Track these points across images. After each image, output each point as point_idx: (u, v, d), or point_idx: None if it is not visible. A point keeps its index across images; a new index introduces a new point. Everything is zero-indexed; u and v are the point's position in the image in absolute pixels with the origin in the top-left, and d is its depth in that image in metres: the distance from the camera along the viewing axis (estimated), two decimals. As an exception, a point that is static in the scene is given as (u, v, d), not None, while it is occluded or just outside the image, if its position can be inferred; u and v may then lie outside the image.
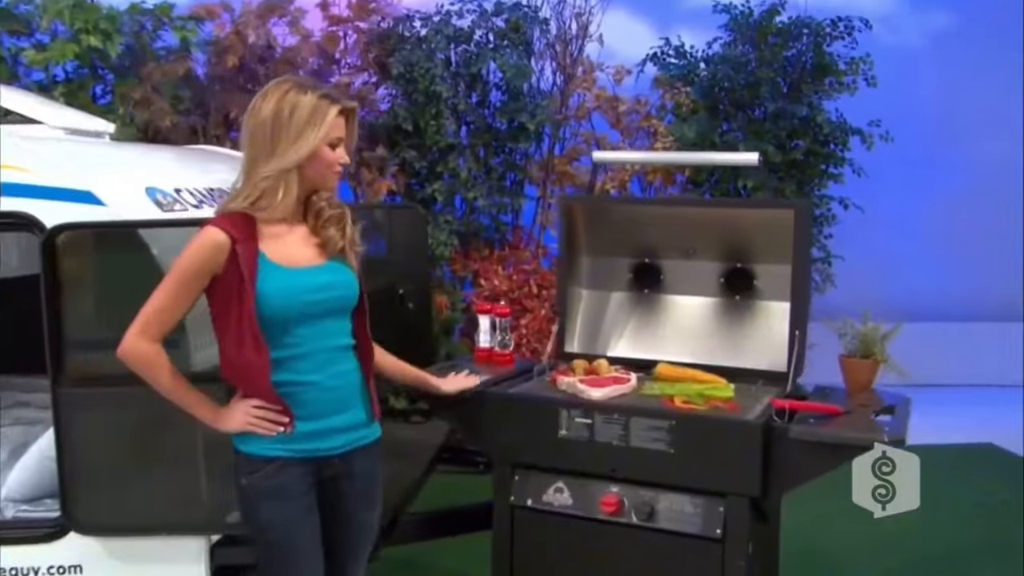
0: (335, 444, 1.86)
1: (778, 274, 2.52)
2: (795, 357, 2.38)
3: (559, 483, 2.27)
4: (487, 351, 2.73)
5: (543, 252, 5.24)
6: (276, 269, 1.76)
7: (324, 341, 1.82)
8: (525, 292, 4.93)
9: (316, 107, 1.77)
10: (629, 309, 2.75)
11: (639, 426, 2.18)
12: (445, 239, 4.95)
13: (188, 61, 4.70)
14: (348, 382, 1.87)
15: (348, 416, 1.86)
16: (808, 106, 4.83)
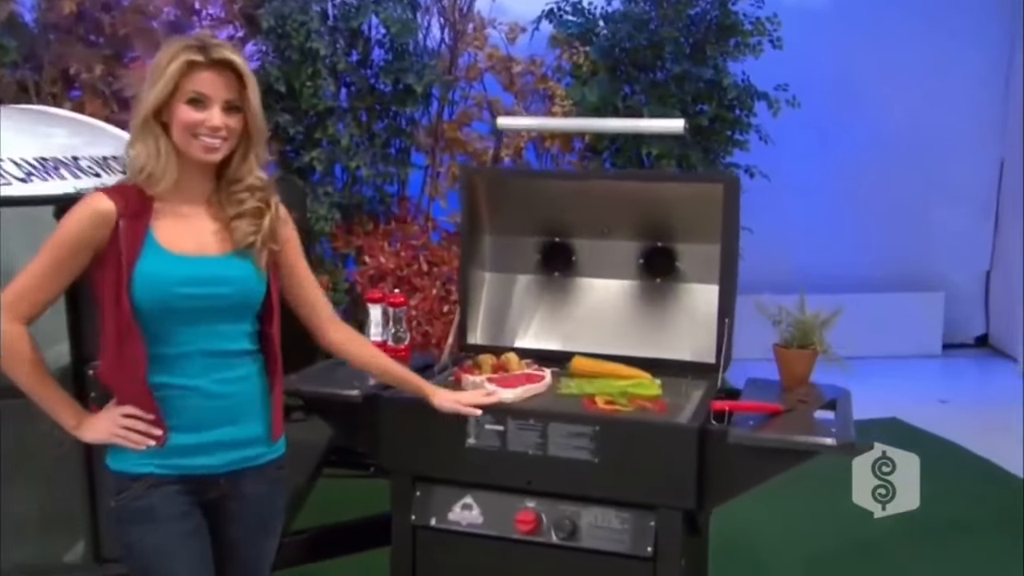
0: (218, 461, 1.74)
1: (703, 254, 2.43)
2: (725, 347, 2.31)
3: (467, 498, 2.15)
4: (379, 345, 2.45)
5: (433, 225, 5.12)
6: (158, 252, 1.66)
7: (210, 342, 1.71)
8: (414, 270, 4.76)
9: (168, 57, 1.66)
10: (538, 294, 2.63)
11: (558, 432, 2.06)
12: (325, 213, 4.72)
13: (11, 4, 4.24)
14: (240, 391, 1.74)
15: (237, 430, 1.74)
16: (713, 68, 4.75)
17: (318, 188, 4.81)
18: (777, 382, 2.26)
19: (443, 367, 2.41)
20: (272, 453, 1.82)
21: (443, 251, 4.85)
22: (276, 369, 1.80)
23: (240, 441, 1.76)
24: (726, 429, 1.98)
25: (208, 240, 1.72)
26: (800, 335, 2.21)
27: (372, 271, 4.78)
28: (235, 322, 1.75)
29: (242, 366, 1.76)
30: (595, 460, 2.02)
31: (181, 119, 1.67)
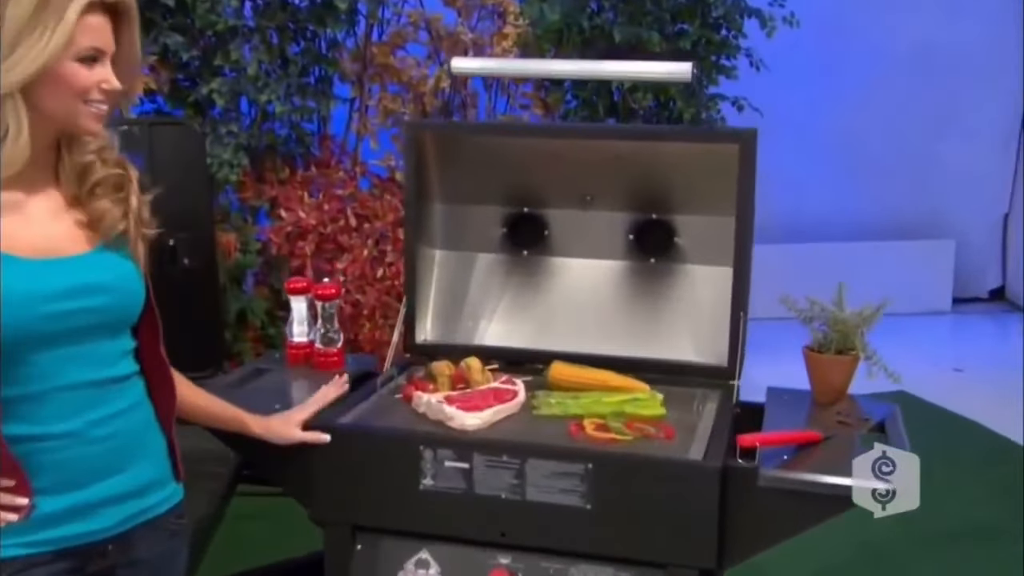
0: (104, 523, 1.60)
1: (709, 228, 2.32)
2: (740, 348, 2.20)
3: (423, 553, 2.02)
4: (304, 348, 2.40)
5: (362, 171, 4.95)
6: (5, 261, 1.46)
7: (85, 371, 1.55)
8: (340, 226, 4.60)
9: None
10: (504, 279, 2.53)
11: (538, 471, 1.91)
12: (229, 158, 4.50)
13: None
14: (127, 427, 1.61)
15: (128, 478, 1.61)
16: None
17: (220, 127, 4.56)
18: (804, 392, 2.15)
19: (387, 378, 2.26)
20: (171, 499, 1.71)
21: (375, 202, 4.71)
22: (167, 389, 1.70)
23: (132, 492, 1.62)
24: (755, 468, 1.82)
25: (62, 233, 1.55)
26: (839, 337, 2.06)
27: (289, 228, 4.61)
28: (113, 339, 1.60)
29: (127, 394, 1.62)
30: (587, 507, 1.88)
31: (71, 81, 1.47)
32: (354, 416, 2.09)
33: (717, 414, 2.09)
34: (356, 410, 2.12)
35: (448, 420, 2.02)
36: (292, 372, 2.35)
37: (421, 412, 2.09)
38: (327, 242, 4.60)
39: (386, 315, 4.42)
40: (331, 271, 4.48)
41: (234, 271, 4.56)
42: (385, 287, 4.50)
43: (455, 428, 2.00)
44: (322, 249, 4.58)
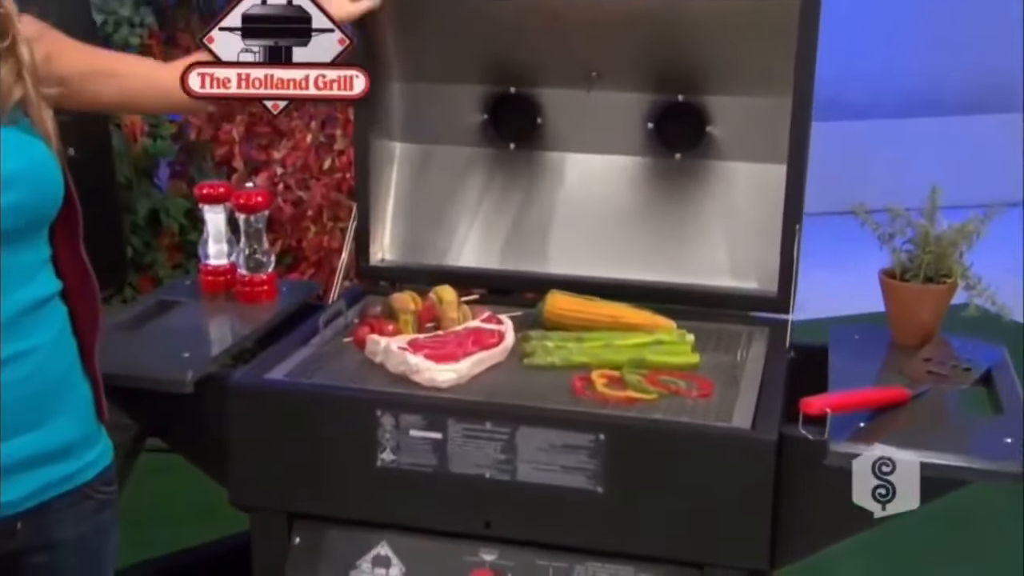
0: (11, 495, 1.60)
1: (751, 113, 2.30)
2: (794, 271, 2.17)
3: (382, 548, 1.96)
4: (223, 273, 2.35)
5: None
6: None
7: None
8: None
9: None
10: (485, 181, 2.51)
11: (535, 443, 1.83)
12: (129, 15, 4.44)
13: None
14: (44, 370, 1.61)
15: (41, 437, 1.61)
16: None
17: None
18: (882, 332, 2.11)
19: (332, 315, 2.18)
20: (98, 463, 1.70)
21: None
22: (92, 307, 1.69)
23: (50, 453, 1.61)
24: (824, 441, 1.73)
25: None
26: (931, 260, 1.98)
27: (212, 107, 4.35)
28: (22, 249, 1.56)
29: (47, 323, 1.60)
30: (597, 489, 1.83)
31: None
32: (288, 369, 2.02)
33: (766, 361, 2.05)
34: (291, 360, 2.05)
35: (413, 373, 1.96)
36: (208, 306, 2.30)
37: (378, 362, 2.03)
38: (260, 124, 4.49)
39: (336, 216, 4.42)
40: (266, 161, 4.40)
41: (142, 161, 4.49)
42: (334, 181, 4.42)
43: (423, 384, 1.95)
44: (254, 133, 4.48)
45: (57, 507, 1.65)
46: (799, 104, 2.14)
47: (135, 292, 3.93)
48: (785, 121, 2.16)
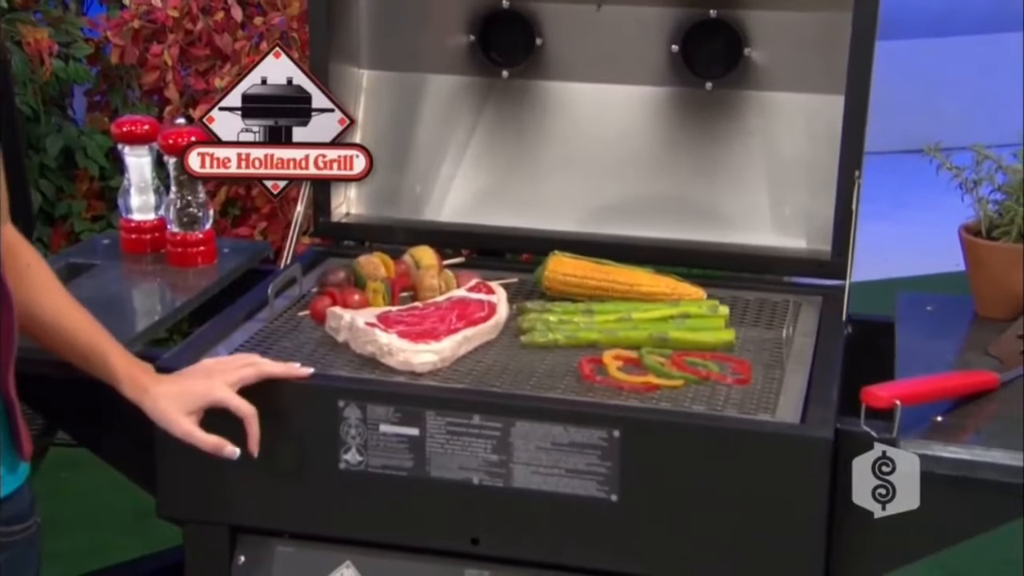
0: None
1: (799, 32, 2.34)
2: (853, 227, 2.18)
3: (345, 568, 1.98)
4: (149, 230, 2.39)
5: None
6: None
7: None
8: (218, 21, 4.55)
9: None
10: (472, 116, 2.56)
11: (533, 441, 1.84)
12: None
13: None
14: None
15: None
16: None
17: None
18: (962, 302, 2.13)
19: (285, 283, 2.20)
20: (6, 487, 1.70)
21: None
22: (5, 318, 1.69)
23: None
24: (892, 438, 1.73)
25: None
26: None
27: (138, 22, 4.54)
28: None
29: None
30: (611, 497, 1.83)
31: None
32: (231, 349, 2.04)
33: (818, 338, 2.06)
34: (234, 338, 2.09)
35: (385, 355, 1.97)
36: (130, 270, 2.33)
37: (341, 341, 2.04)
38: (198, 46, 4.54)
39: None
40: (205, 90, 4.46)
41: (51, 89, 4.52)
42: None
43: (396, 368, 1.96)
44: (190, 56, 4.54)
45: None
46: (861, 17, 2.15)
47: (45, 250, 3.92)
48: (843, 41, 2.16)
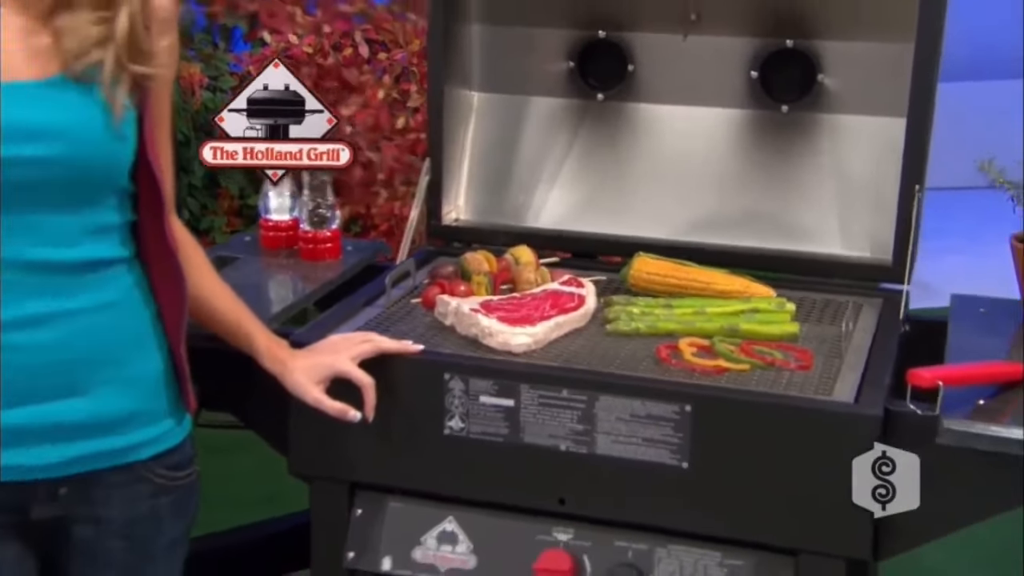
0: (47, 459, 1.67)
1: (869, 61, 2.35)
2: (912, 237, 2.19)
3: (448, 524, 2.02)
4: (285, 229, 2.50)
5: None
6: None
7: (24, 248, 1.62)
8: (347, 56, 4.68)
9: None
10: (569, 134, 2.57)
11: (614, 412, 1.88)
12: None
13: None
14: (89, 335, 1.67)
15: (83, 404, 1.67)
16: None
17: None
18: (1011, 303, 2.15)
19: (400, 275, 2.25)
20: (161, 442, 1.75)
21: (396, 23, 4.76)
22: (174, 290, 1.76)
23: (93, 424, 1.67)
24: (935, 417, 1.77)
25: (14, 54, 1.60)
26: None
27: (277, 56, 4.61)
28: (73, 210, 1.64)
29: (96, 288, 1.67)
30: (682, 465, 1.87)
31: None
32: (352, 329, 2.08)
33: (876, 334, 2.07)
34: (355, 321, 2.14)
35: (485, 337, 2.01)
36: (268, 262, 2.41)
37: (448, 324, 2.09)
38: (328, 78, 4.63)
39: (408, 180, 4.48)
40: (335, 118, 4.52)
41: (200, 117, 4.59)
42: (408, 142, 4.53)
43: (495, 349, 2.00)
44: (322, 88, 4.55)
45: (106, 482, 1.72)
46: (923, 49, 2.16)
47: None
48: (907, 69, 2.18)
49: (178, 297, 1.76)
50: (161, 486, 1.76)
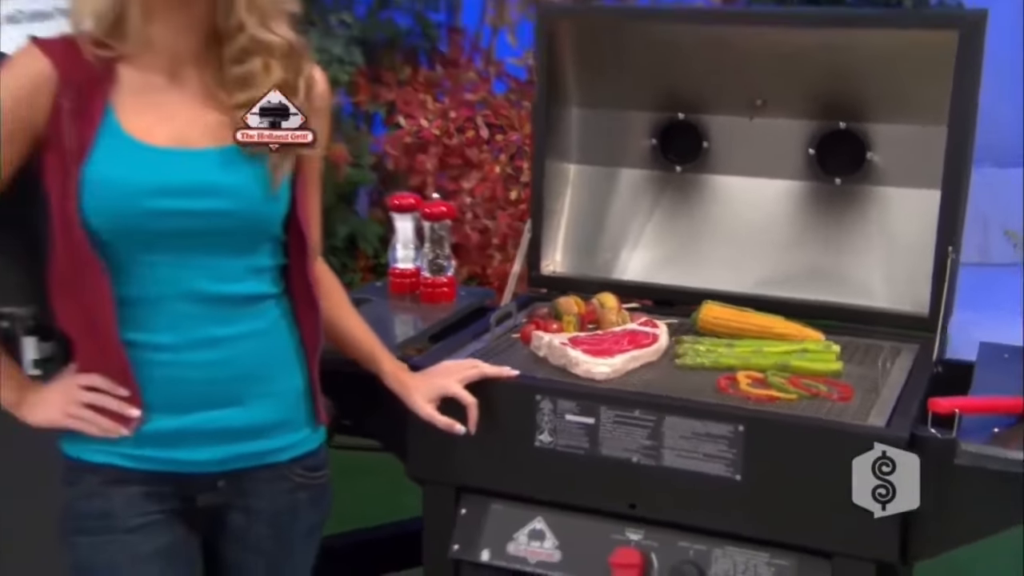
0: (208, 456, 1.73)
1: (911, 141, 2.32)
2: (945, 293, 2.18)
3: (537, 523, 2.04)
4: (409, 276, 2.50)
5: (496, 71, 5.14)
6: (119, 139, 1.62)
7: (198, 283, 1.67)
8: (470, 137, 4.79)
9: None
10: (651, 200, 2.57)
11: (678, 431, 1.91)
12: (340, 53, 4.74)
13: None
14: (246, 356, 1.72)
15: (238, 413, 1.72)
16: None
17: (330, 15, 4.80)
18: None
19: (503, 315, 2.27)
20: (299, 447, 1.80)
21: (511, 109, 4.85)
22: (313, 322, 1.80)
23: (246, 429, 1.73)
24: (953, 441, 1.77)
25: (194, 126, 1.66)
26: None
27: (409, 138, 4.78)
28: (238, 254, 1.70)
29: (252, 318, 1.73)
30: (736, 477, 1.88)
31: None
32: (461, 358, 2.12)
33: (910, 373, 2.07)
34: (464, 351, 2.17)
35: (572, 366, 2.03)
36: (394, 304, 2.45)
37: (541, 356, 2.12)
38: (453, 156, 4.75)
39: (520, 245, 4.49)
40: (456, 191, 4.62)
41: (344, 188, 4.75)
42: (519, 212, 4.59)
43: (580, 376, 2.02)
44: (447, 164, 4.73)
45: (255, 478, 1.76)
46: (955, 132, 2.16)
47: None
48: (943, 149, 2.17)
49: (316, 327, 1.79)
50: (300, 483, 1.80)
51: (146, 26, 1.62)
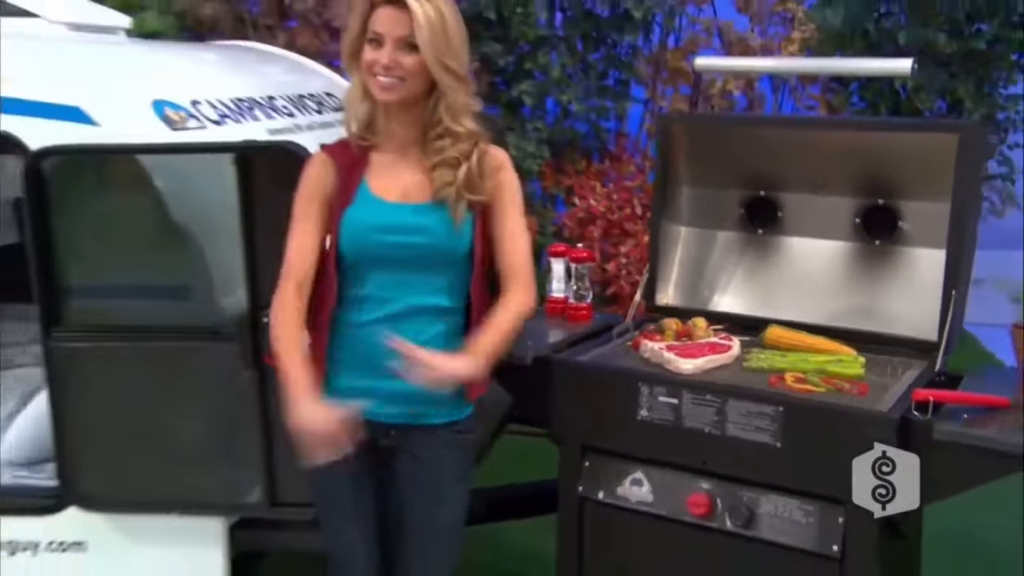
0: (386, 411, 1.85)
1: (932, 214, 2.34)
2: (948, 324, 2.22)
3: (637, 473, 2.18)
4: (560, 302, 2.63)
5: (651, 165, 5.08)
6: (367, 198, 1.82)
7: (400, 294, 1.83)
8: (626, 214, 4.82)
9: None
10: (738, 253, 2.64)
11: (737, 411, 2.05)
12: (533, 150, 4.89)
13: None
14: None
15: (406, 386, 1.77)
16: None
17: (527, 123, 4.98)
18: (1016, 375, 2.10)
19: (623, 330, 2.45)
20: (448, 415, 1.90)
21: None
22: (474, 328, 1.87)
23: (410, 397, 1.82)
24: (930, 421, 1.89)
25: (412, 188, 1.83)
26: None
27: (581, 213, 4.87)
28: (427, 275, 1.84)
29: (428, 325, 1.85)
30: (776, 444, 2.00)
31: (363, 59, 1.79)
32: (590, 357, 2.32)
33: (915, 379, 2.14)
34: (593, 353, 2.35)
35: (666, 364, 2.19)
36: (548, 321, 2.58)
37: (646, 357, 2.27)
38: (614, 228, 4.82)
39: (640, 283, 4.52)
40: (615, 253, 4.71)
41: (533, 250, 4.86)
42: None
43: (671, 370, 2.17)
44: (609, 233, 4.82)
45: (415, 433, 1.88)
46: (957, 206, 2.22)
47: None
48: None
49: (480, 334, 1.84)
50: (448, 440, 1.91)
51: (387, 124, 1.84)
